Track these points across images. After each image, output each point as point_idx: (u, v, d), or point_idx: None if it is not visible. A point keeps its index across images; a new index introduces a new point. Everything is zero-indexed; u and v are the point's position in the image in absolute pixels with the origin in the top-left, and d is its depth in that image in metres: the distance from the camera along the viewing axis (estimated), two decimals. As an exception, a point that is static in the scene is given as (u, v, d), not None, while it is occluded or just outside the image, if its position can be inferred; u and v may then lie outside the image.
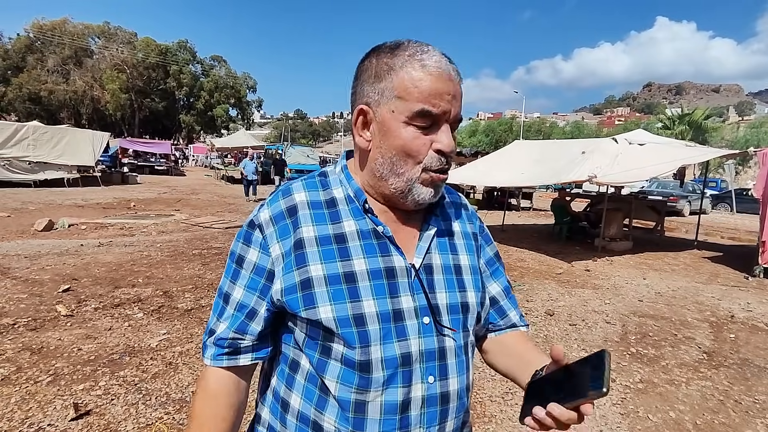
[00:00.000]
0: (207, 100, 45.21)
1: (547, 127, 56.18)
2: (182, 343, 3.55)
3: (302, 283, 0.72)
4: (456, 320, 0.78)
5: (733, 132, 40.32)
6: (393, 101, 0.72)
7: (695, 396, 3.18)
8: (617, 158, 8.00)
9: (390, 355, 0.71)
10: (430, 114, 0.71)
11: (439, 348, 0.75)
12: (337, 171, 0.84)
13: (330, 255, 0.74)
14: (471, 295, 0.81)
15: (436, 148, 0.73)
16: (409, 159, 0.74)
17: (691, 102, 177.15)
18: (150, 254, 6.39)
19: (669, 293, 5.96)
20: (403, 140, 0.73)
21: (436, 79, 0.71)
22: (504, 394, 3.07)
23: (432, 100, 0.70)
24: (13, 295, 4.39)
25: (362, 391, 0.71)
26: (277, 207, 0.78)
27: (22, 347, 3.30)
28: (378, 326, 0.71)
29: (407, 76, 0.71)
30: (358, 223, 0.77)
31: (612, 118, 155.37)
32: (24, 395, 2.67)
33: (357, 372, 0.71)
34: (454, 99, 0.72)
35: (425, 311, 0.75)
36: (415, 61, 0.71)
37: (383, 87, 0.73)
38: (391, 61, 0.73)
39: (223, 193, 16.88)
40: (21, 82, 36.91)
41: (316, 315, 0.71)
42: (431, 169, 0.74)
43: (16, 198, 11.65)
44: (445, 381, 0.75)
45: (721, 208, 20.69)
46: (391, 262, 0.75)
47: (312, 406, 0.74)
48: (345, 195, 0.80)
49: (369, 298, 0.72)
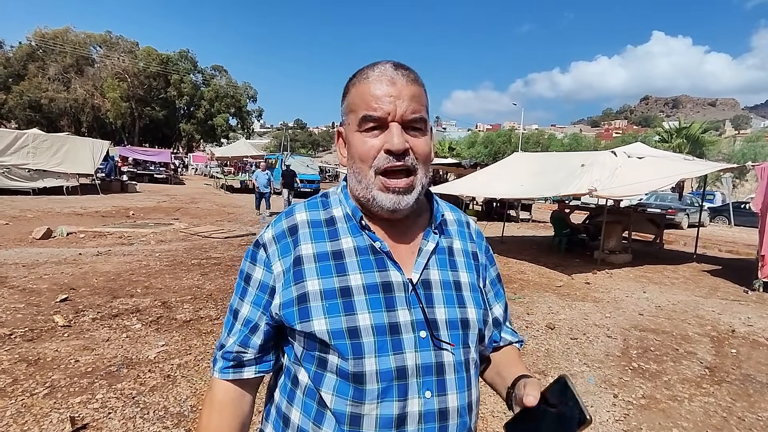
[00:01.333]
0: (207, 109, 45.37)
1: (546, 138, 56.41)
2: (181, 356, 3.51)
3: (299, 298, 0.75)
4: (455, 336, 0.78)
5: (729, 146, 40.55)
6: (348, 116, 0.81)
7: (698, 412, 3.15)
8: (616, 171, 8.03)
9: (385, 367, 0.72)
10: (372, 117, 0.76)
11: (437, 363, 0.75)
12: (338, 192, 0.88)
13: (327, 270, 0.76)
14: (471, 312, 0.82)
15: (386, 148, 0.75)
16: (363, 164, 0.78)
17: (688, 115, 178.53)
18: (149, 264, 6.35)
19: (669, 307, 5.94)
20: (355, 147, 0.79)
21: (376, 85, 0.76)
22: (506, 410, 3.03)
23: (372, 105, 0.75)
24: (10, 304, 4.35)
25: (357, 403, 0.72)
26: (280, 227, 0.83)
27: (18, 358, 3.26)
28: (373, 338, 0.72)
29: (354, 90, 0.79)
30: (356, 240, 0.80)
31: (610, 130, 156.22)
32: (20, 408, 2.63)
33: (351, 384, 0.72)
34: (398, 99, 0.75)
35: (422, 325, 0.75)
36: (362, 77, 0.79)
37: (344, 107, 0.83)
38: (349, 83, 0.82)
39: (222, 203, 16.86)
40: (22, 89, 37.00)
41: (310, 327, 0.73)
42: (380, 170, 0.76)
43: (14, 205, 11.61)
44: (443, 397, 0.75)
45: (719, 221, 20.74)
46: (388, 277, 0.77)
47: (310, 421, 0.76)
48: (344, 213, 0.84)
49: (364, 311, 0.73)
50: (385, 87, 0.76)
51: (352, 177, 0.82)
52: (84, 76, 39.99)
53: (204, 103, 45.30)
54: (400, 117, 0.76)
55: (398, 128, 0.76)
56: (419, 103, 0.78)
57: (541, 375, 3.61)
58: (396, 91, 0.76)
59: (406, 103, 0.76)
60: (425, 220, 0.87)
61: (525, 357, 3.85)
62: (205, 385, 3.05)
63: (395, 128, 0.75)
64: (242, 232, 10.01)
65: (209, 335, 3.96)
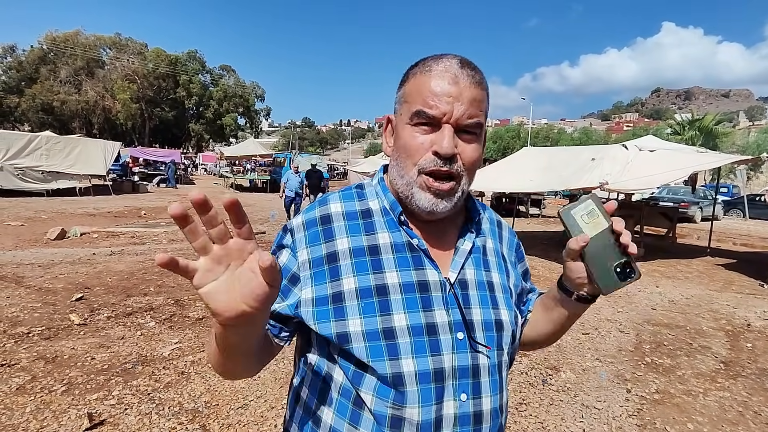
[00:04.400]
0: (216, 109, 45.74)
1: (555, 133, 55.99)
2: (194, 353, 3.56)
3: (334, 296, 0.73)
4: (490, 337, 0.77)
5: (744, 137, 39.90)
6: (402, 105, 0.77)
7: (713, 407, 3.12)
8: (628, 165, 7.95)
9: (423, 369, 0.71)
10: (426, 114, 0.72)
11: (473, 365, 0.74)
12: (374, 183, 0.86)
13: (363, 267, 0.74)
14: (504, 314, 0.80)
15: (433, 150, 0.73)
16: (408, 159, 0.75)
17: (701, 107, 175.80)
18: (161, 263, 6.42)
19: (683, 301, 5.88)
20: (403, 140, 0.76)
21: (436, 81, 0.72)
22: (518, 405, 3.04)
23: (429, 101, 0.72)
24: (27, 303, 4.44)
25: (398, 406, 0.70)
26: (312, 214, 0.80)
27: (36, 356, 3.33)
28: (409, 339, 0.71)
29: (414, 81, 0.76)
30: (393, 236, 0.78)
31: (620, 124, 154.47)
32: (39, 404, 2.68)
33: (391, 387, 0.70)
34: (456, 101, 0.72)
35: (459, 326, 0.74)
36: (425, 68, 0.75)
37: (399, 95, 0.79)
38: (410, 71, 0.78)
39: (232, 201, 16.96)
40: (34, 92, 37.62)
41: (345, 327, 0.71)
42: (425, 171, 0.74)
43: (29, 207, 11.81)
44: (478, 400, 0.74)
45: (733, 215, 20.43)
46: (425, 276, 0.75)
47: (345, 421, 0.73)
48: (380, 207, 0.81)
49: (400, 311, 0.72)
50: (446, 85, 0.72)
51: (394, 170, 0.79)
52: (94, 79, 40.54)
53: (212, 103, 45.66)
54: (455, 120, 0.72)
55: (450, 131, 0.72)
56: (478, 108, 0.74)
57: (552, 370, 3.60)
58: (457, 92, 0.72)
59: (465, 106, 0.72)
60: (461, 219, 0.86)
61: (536, 353, 3.84)
62: (219, 382, 3.09)
63: (447, 131, 0.72)
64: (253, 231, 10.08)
65: (222, 332, 4.00)
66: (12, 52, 40.08)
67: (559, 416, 2.89)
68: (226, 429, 2.57)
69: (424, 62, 0.77)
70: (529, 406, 3.02)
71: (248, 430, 2.58)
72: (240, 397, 2.92)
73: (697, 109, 61.76)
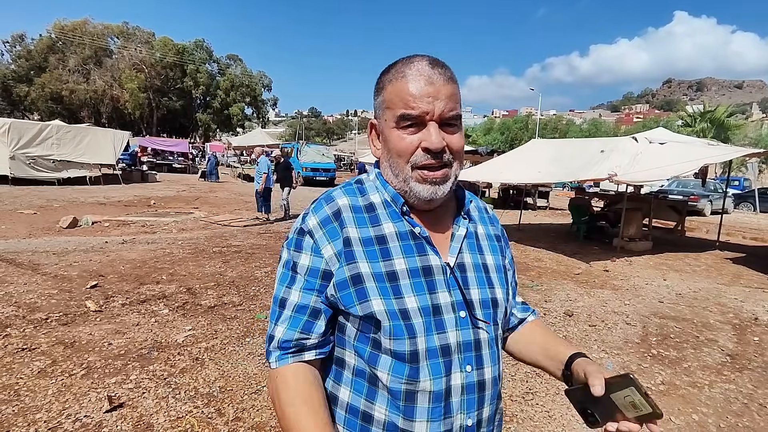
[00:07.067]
0: (223, 98, 45.69)
1: (564, 124, 55.39)
2: (207, 339, 3.64)
3: (353, 278, 0.79)
4: (487, 314, 0.85)
5: (756, 129, 39.23)
6: (385, 112, 0.84)
7: (718, 399, 3.15)
8: (637, 157, 7.89)
9: (431, 346, 0.78)
10: (411, 116, 0.79)
11: (475, 340, 0.82)
12: (371, 178, 0.92)
13: (373, 255, 0.80)
14: (499, 292, 0.89)
15: (424, 147, 0.80)
16: (400, 159, 0.82)
17: (713, 98, 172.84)
18: (172, 251, 6.53)
19: (690, 294, 5.88)
20: (393, 143, 0.83)
21: (413, 84, 0.79)
22: (525, 394, 3.09)
23: (411, 104, 0.79)
24: (44, 290, 4.55)
25: (413, 381, 0.77)
26: (323, 213, 0.84)
27: (55, 341, 3.43)
28: (421, 320, 0.78)
29: (391, 88, 0.82)
30: (396, 226, 0.84)
31: (630, 115, 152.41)
32: (60, 387, 2.78)
33: (407, 363, 0.77)
34: (436, 99, 0.79)
35: (461, 306, 0.82)
36: (399, 74, 0.82)
37: (379, 102, 0.86)
38: (384, 78, 0.85)
39: (240, 191, 17.09)
40: (43, 81, 37.79)
41: (369, 308, 0.77)
42: (417, 165, 0.81)
43: (41, 195, 11.98)
44: (481, 370, 0.82)
45: (744, 208, 20.23)
46: (428, 261, 0.82)
47: (362, 398, 0.80)
48: (382, 200, 0.87)
49: (410, 294, 0.78)
50: (423, 86, 0.79)
51: (387, 170, 0.87)
52: (103, 68, 40.59)
53: (220, 92, 45.60)
54: (438, 116, 0.79)
55: (436, 127, 0.80)
56: (455, 101, 0.82)
57: (559, 361, 3.64)
58: (434, 91, 0.79)
59: (444, 102, 0.79)
60: (454, 207, 0.93)
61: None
62: (232, 368, 3.17)
63: (433, 128, 0.79)
64: (261, 221, 10.18)
65: (233, 320, 4.08)
66: (21, 41, 40.21)
67: (565, 405, 2.94)
68: (240, 413, 2.65)
69: (395, 68, 0.83)
70: (536, 396, 3.07)
71: (262, 414, 2.65)
72: (253, 383, 3.00)
73: (709, 100, 60.71)
